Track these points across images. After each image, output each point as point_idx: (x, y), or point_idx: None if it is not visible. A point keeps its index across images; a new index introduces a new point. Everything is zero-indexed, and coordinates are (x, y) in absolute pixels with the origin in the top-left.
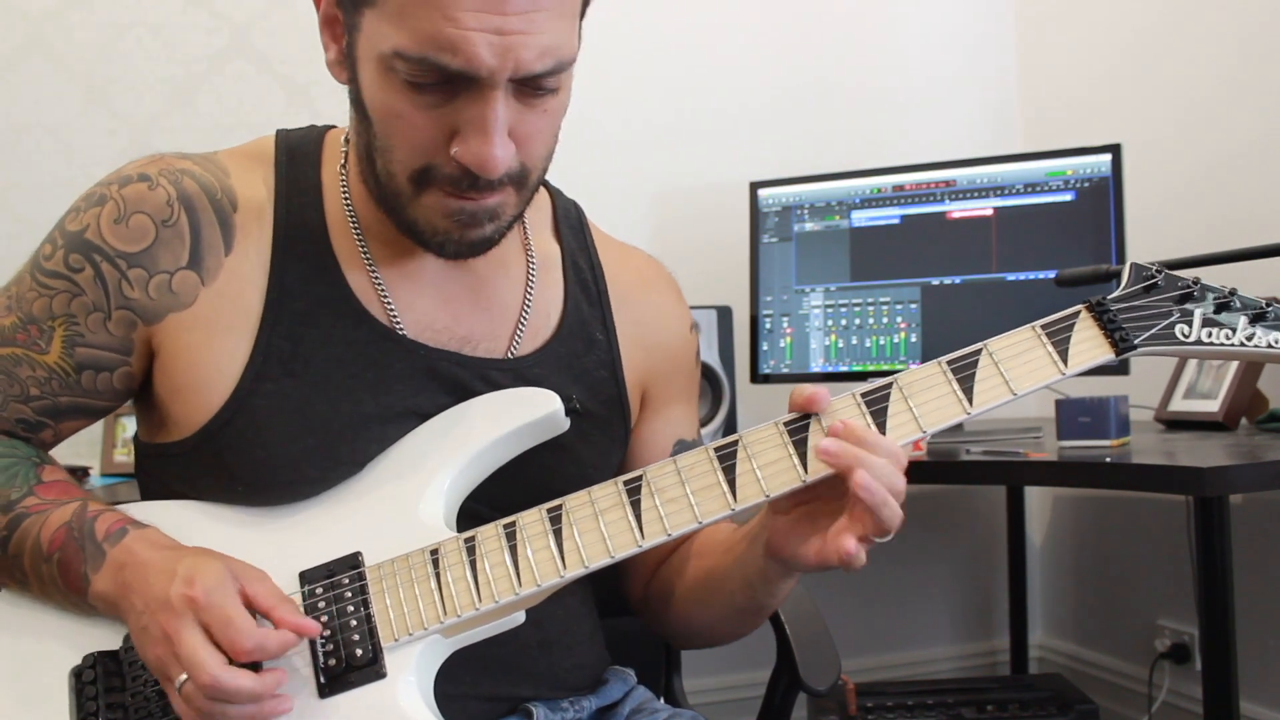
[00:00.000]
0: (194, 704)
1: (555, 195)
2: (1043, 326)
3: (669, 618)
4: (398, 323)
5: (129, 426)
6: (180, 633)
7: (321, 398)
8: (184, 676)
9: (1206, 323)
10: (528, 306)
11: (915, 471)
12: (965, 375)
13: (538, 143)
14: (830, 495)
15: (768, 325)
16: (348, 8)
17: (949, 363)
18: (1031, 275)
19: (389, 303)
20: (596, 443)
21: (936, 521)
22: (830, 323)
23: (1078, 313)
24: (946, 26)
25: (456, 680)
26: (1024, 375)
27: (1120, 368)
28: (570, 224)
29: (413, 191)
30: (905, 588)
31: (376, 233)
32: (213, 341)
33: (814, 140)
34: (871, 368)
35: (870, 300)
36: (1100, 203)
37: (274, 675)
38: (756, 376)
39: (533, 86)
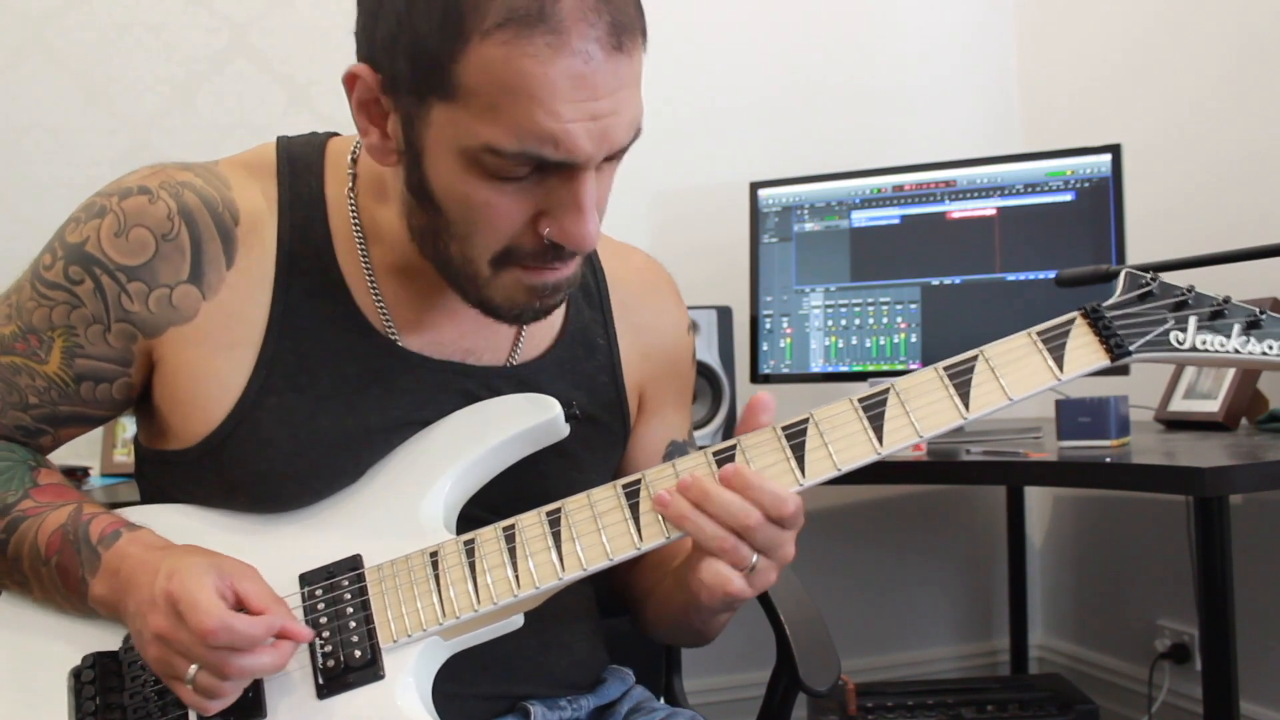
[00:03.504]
0: (210, 688)
1: None
2: (1038, 333)
3: (645, 619)
4: (402, 337)
5: (129, 427)
6: (172, 629)
7: (326, 412)
8: (194, 669)
9: (1201, 330)
10: None
11: (915, 471)
12: (962, 381)
13: (606, 201)
14: None
15: (768, 325)
16: (406, 98)
17: (946, 368)
18: (1031, 275)
19: (393, 318)
20: (596, 447)
21: (936, 522)
22: (830, 323)
23: (1073, 319)
24: (946, 26)
25: (455, 679)
26: (1020, 381)
27: (1118, 369)
28: None
29: (492, 273)
30: (905, 588)
31: (380, 248)
32: (215, 355)
33: (814, 140)
34: (871, 368)
35: (870, 300)
36: (1100, 203)
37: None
38: (756, 377)
39: (615, 158)
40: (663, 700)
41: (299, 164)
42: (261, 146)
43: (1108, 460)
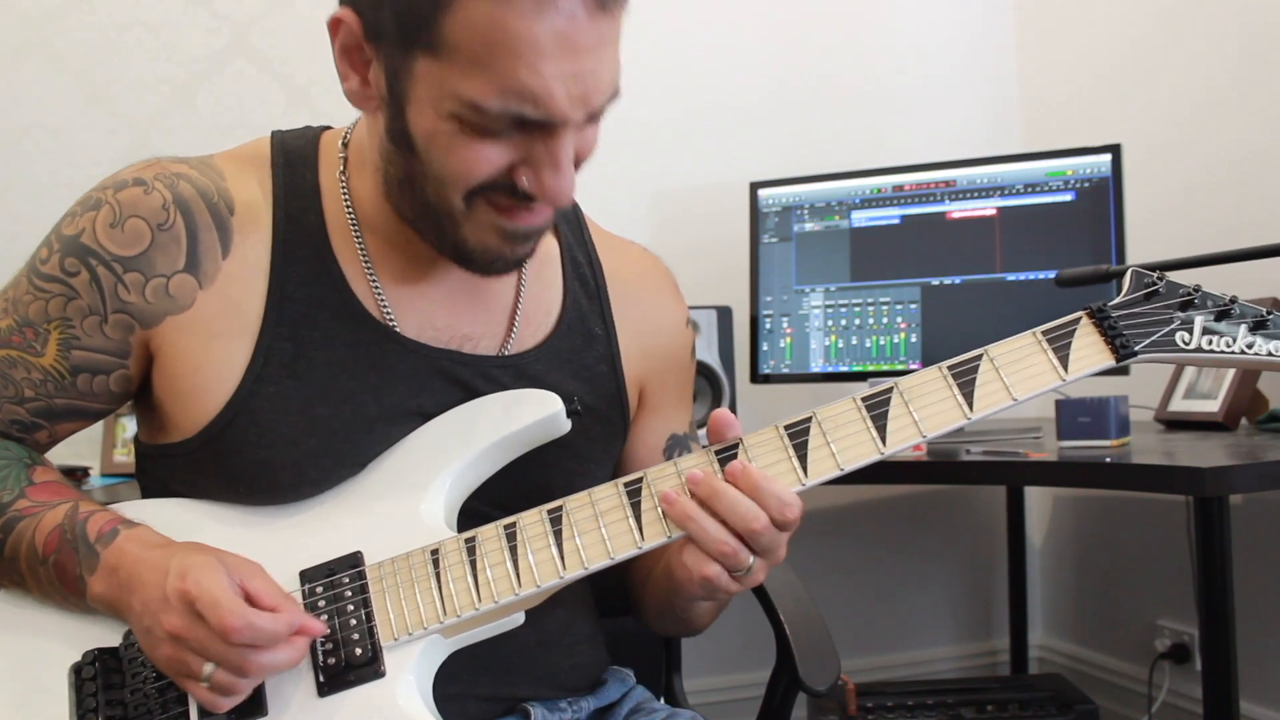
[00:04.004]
0: (227, 685)
1: None
2: (1044, 332)
3: (641, 608)
4: (398, 324)
5: (129, 426)
6: (189, 628)
7: (323, 400)
8: (210, 667)
9: (1207, 330)
10: (521, 301)
11: (915, 471)
12: (966, 380)
13: (585, 159)
14: None
15: (768, 325)
16: (389, 48)
17: (950, 368)
18: (1031, 275)
19: (389, 304)
20: (596, 439)
21: (936, 521)
22: (830, 323)
23: (1079, 319)
24: (946, 26)
25: (455, 679)
26: (1024, 381)
27: (1120, 369)
28: (567, 219)
29: (465, 209)
30: (905, 588)
31: (375, 236)
32: (212, 345)
33: (814, 140)
34: (871, 368)
35: (870, 300)
36: (1100, 203)
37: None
38: (756, 377)
39: (595, 118)
40: (663, 700)
41: (293, 155)
42: (256, 141)
43: (1108, 460)
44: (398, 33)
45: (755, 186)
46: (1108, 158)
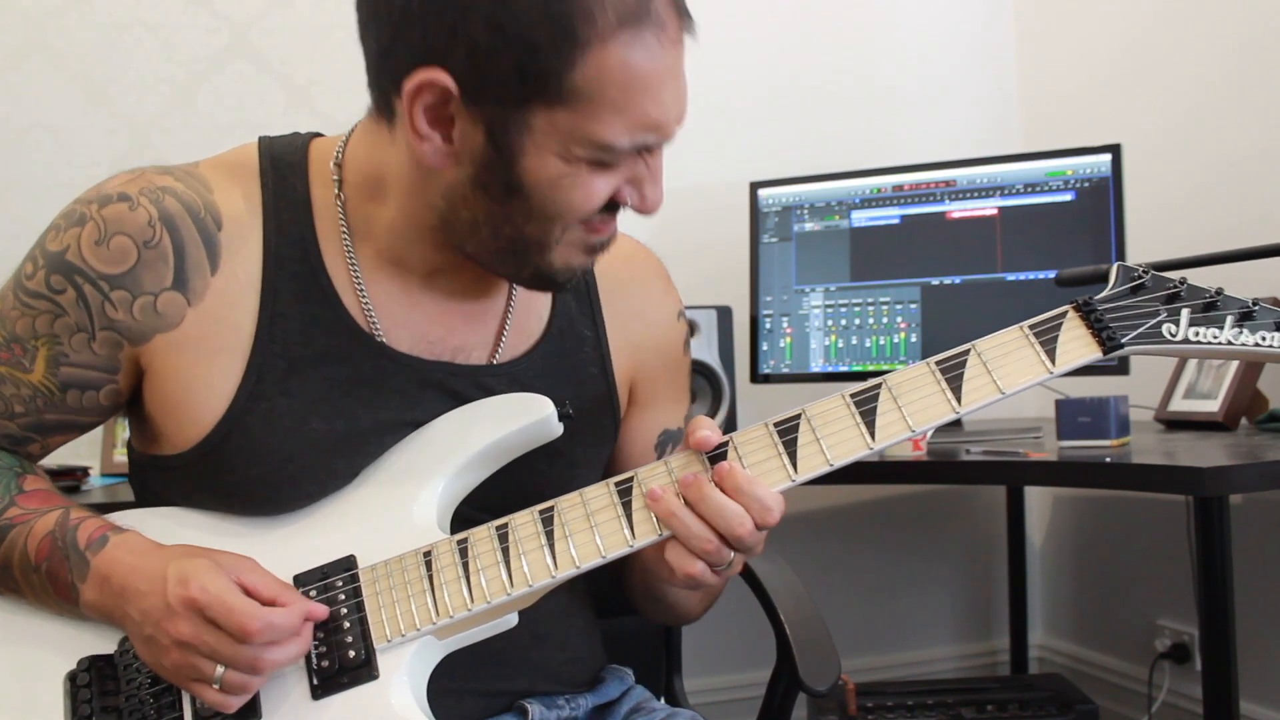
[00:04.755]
0: (239, 685)
1: None
2: (1030, 326)
3: (634, 598)
4: (390, 338)
5: (128, 427)
6: (198, 634)
7: (317, 415)
8: (222, 669)
9: (1193, 322)
10: (511, 308)
11: (915, 471)
12: (954, 375)
13: None
14: None
15: (768, 325)
16: (493, 106)
17: (937, 363)
18: (1031, 275)
19: (381, 319)
20: (587, 440)
21: (936, 521)
22: (830, 323)
23: (1065, 313)
24: (946, 26)
25: (452, 675)
26: (1012, 374)
27: (1120, 367)
28: None
29: (561, 235)
30: (905, 588)
31: (368, 251)
32: (203, 361)
33: (814, 140)
34: (871, 368)
35: (870, 300)
36: (1100, 203)
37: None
38: (756, 376)
39: None
40: (663, 700)
41: (282, 165)
42: (243, 147)
43: (1108, 460)
44: (515, 89)
45: (755, 186)
46: (1108, 158)
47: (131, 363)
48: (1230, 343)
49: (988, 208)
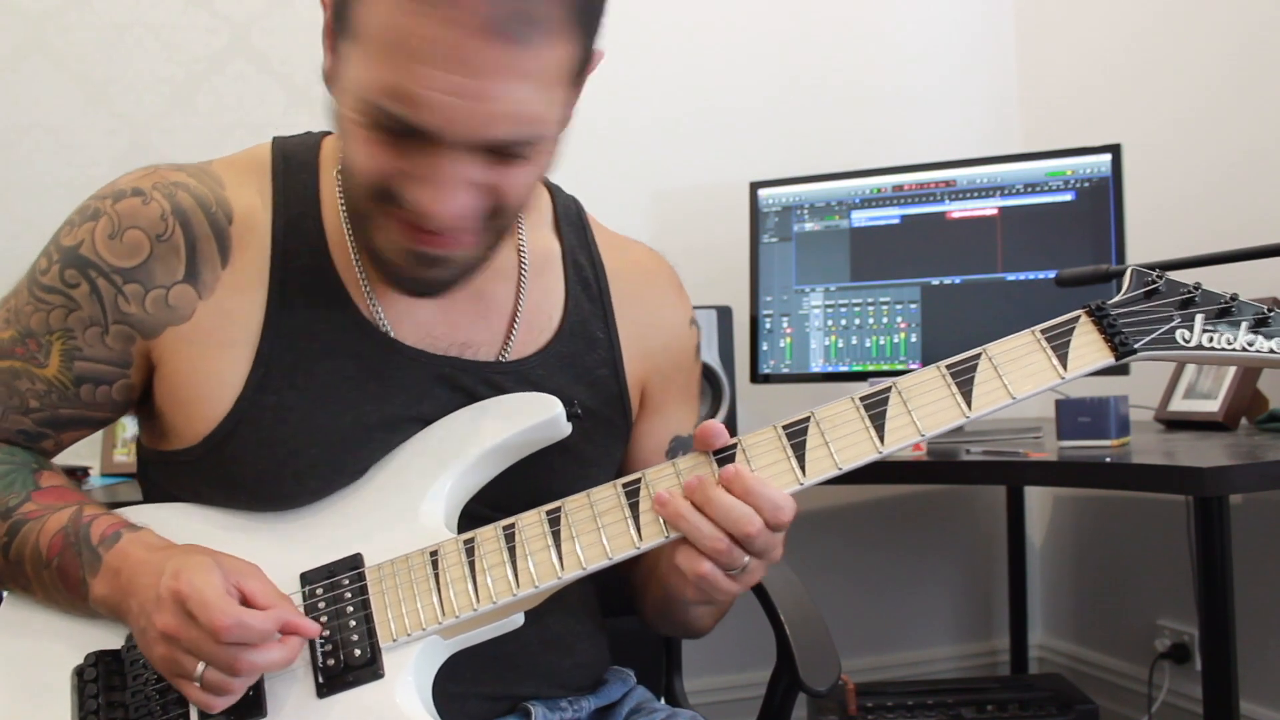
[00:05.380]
0: (219, 685)
1: (555, 192)
2: (1042, 331)
3: (643, 610)
4: (397, 332)
5: (129, 427)
6: (180, 627)
7: (324, 410)
8: (202, 666)
9: (1207, 328)
10: (521, 306)
11: (915, 471)
12: (964, 379)
13: (509, 193)
14: None
15: (768, 325)
16: (336, 29)
17: (948, 367)
18: (1031, 275)
19: (388, 313)
20: (598, 442)
21: (936, 521)
22: (830, 323)
23: (1077, 317)
24: (946, 26)
25: (457, 678)
26: (1023, 379)
27: (1120, 368)
28: (570, 220)
29: (373, 208)
30: (905, 587)
31: None
32: (212, 355)
33: (814, 140)
34: (871, 368)
35: (870, 300)
36: (1100, 203)
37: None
38: (756, 376)
39: (499, 152)
40: (663, 700)
41: (293, 162)
42: (256, 146)
43: (1108, 460)
44: (335, 16)
45: (755, 186)
46: (1108, 158)
47: (143, 357)
48: (1244, 350)
49: (988, 208)
